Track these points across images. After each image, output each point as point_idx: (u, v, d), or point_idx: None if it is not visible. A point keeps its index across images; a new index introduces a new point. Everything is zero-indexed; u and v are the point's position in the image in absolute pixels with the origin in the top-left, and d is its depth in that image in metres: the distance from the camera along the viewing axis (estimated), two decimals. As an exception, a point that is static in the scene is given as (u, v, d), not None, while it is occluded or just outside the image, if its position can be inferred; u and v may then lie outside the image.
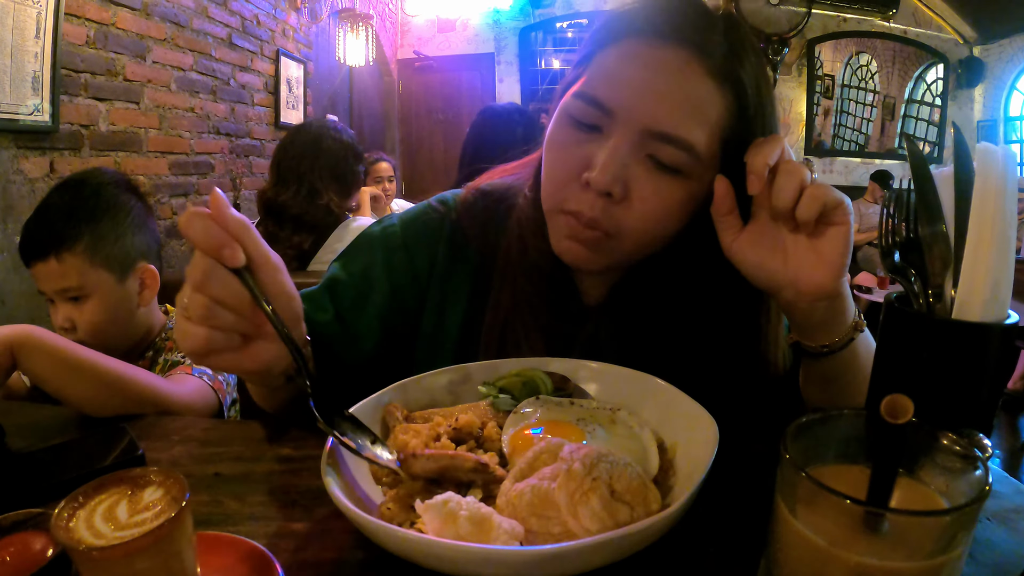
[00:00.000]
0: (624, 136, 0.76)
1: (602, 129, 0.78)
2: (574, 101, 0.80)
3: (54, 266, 1.34)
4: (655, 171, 0.77)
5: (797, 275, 0.72)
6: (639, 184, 0.77)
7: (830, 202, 0.69)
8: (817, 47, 7.20)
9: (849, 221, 0.71)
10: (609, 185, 0.75)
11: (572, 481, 0.52)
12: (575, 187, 0.79)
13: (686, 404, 0.68)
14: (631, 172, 0.76)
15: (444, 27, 7.42)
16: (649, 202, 0.77)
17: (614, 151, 0.75)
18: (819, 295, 0.72)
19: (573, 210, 0.79)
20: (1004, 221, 0.55)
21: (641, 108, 0.75)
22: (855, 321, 0.78)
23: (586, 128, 0.79)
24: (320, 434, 0.61)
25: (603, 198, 0.76)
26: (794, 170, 0.70)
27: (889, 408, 0.41)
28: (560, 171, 0.81)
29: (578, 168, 0.78)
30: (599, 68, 0.80)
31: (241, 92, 4.36)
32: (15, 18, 2.52)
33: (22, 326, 0.99)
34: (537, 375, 0.75)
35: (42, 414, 0.97)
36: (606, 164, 0.75)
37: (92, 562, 0.42)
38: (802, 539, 0.41)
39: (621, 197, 0.77)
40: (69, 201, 1.39)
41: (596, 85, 0.78)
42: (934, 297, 0.61)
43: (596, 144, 0.77)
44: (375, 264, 0.94)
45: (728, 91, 0.76)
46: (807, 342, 0.79)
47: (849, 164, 7.47)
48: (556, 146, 0.82)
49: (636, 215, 0.78)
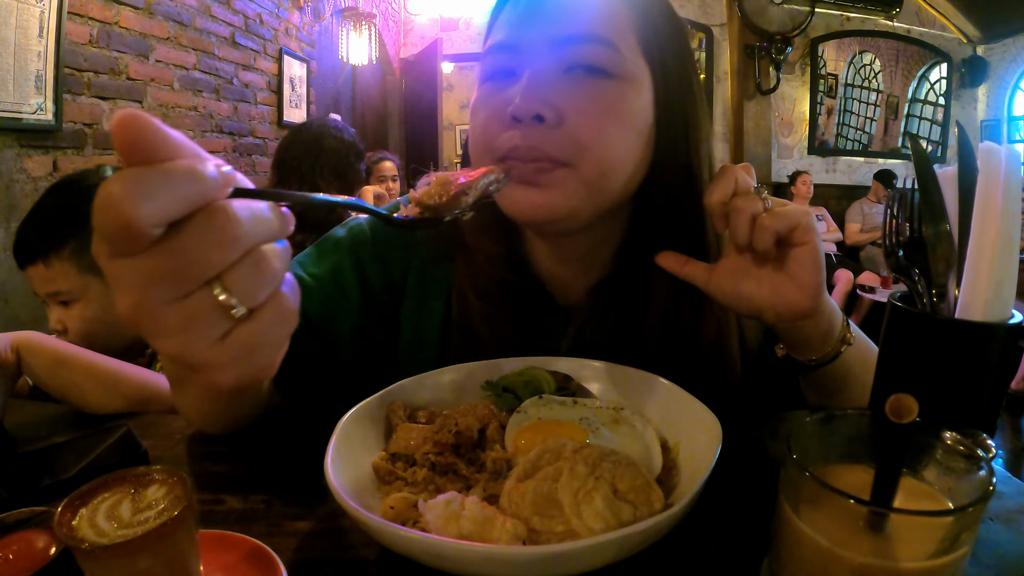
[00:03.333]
0: (537, 57, 0.74)
1: (516, 71, 0.77)
2: (485, 61, 0.80)
3: (43, 271, 1.35)
4: (583, 79, 0.74)
5: (773, 300, 0.71)
6: (570, 99, 0.73)
7: (784, 228, 0.67)
8: (820, 46, 7.18)
9: (812, 239, 0.68)
10: (535, 107, 0.71)
11: (575, 480, 0.52)
12: (503, 131, 0.75)
13: (690, 403, 0.68)
14: (557, 90, 0.73)
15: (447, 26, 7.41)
16: (589, 112, 0.73)
17: (532, 74, 0.73)
18: (798, 316, 0.72)
19: (507, 149, 0.74)
20: (1008, 221, 0.55)
21: (542, 21, 0.75)
22: (842, 334, 0.77)
23: (501, 77, 0.78)
24: (323, 433, 0.61)
25: (536, 127, 0.72)
26: (742, 206, 0.68)
27: (894, 408, 0.41)
28: (484, 125, 0.78)
29: (501, 114, 0.75)
30: (498, 23, 0.81)
31: (244, 91, 4.36)
32: (18, 17, 2.52)
33: (25, 332, 1.00)
34: (540, 374, 0.75)
35: (44, 412, 0.97)
36: (526, 88, 0.72)
37: (95, 560, 0.42)
38: (805, 539, 0.41)
39: (556, 120, 0.73)
40: (57, 206, 1.39)
41: (498, 33, 0.79)
42: (938, 297, 0.61)
43: (514, 85, 0.75)
44: (344, 270, 0.90)
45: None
46: (795, 356, 0.80)
47: (852, 163, 7.45)
48: (476, 110, 0.80)
49: (582, 130, 0.73)
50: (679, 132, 0.81)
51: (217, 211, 0.36)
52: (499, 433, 0.67)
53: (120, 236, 0.34)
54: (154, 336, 0.37)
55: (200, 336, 0.37)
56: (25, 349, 0.98)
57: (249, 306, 0.38)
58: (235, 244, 0.37)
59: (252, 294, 0.38)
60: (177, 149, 0.36)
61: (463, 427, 0.66)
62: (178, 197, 0.35)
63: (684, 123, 0.82)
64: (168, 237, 0.35)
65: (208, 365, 0.38)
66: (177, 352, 0.38)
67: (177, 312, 0.36)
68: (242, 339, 0.39)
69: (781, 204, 0.69)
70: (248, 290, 0.38)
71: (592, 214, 0.78)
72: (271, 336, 0.40)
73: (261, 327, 0.39)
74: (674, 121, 0.81)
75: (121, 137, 0.34)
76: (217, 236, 0.36)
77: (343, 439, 0.62)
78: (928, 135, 7.50)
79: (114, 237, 0.34)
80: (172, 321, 0.36)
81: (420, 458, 0.63)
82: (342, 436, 0.63)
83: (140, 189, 0.33)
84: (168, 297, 0.36)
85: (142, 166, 0.34)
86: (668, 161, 0.81)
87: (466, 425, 0.66)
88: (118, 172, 0.34)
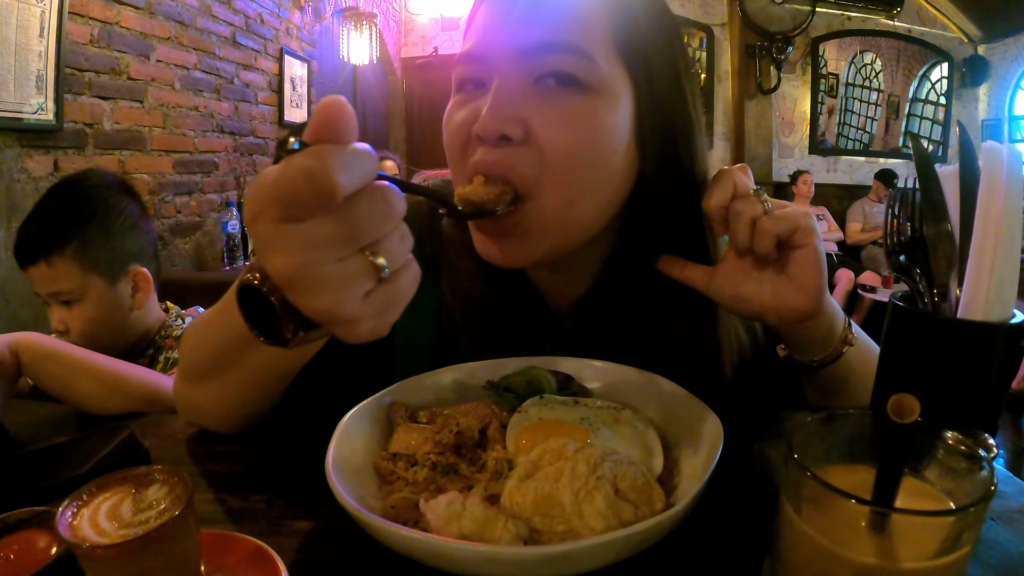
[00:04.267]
0: (506, 68, 0.71)
1: (485, 82, 0.74)
2: (456, 70, 0.77)
3: (45, 270, 1.35)
4: (555, 92, 0.70)
5: (775, 302, 0.70)
6: (540, 115, 0.70)
7: (784, 230, 0.67)
8: (821, 45, 7.17)
9: (812, 241, 0.68)
10: (500, 125, 0.69)
11: (576, 480, 0.52)
12: (470, 147, 0.73)
13: (691, 403, 0.68)
14: (526, 105, 0.70)
15: (448, 26, 7.40)
16: (559, 130, 0.70)
17: (498, 88, 0.70)
18: (799, 318, 0.71)
19: (473, 165, 0.72)
20: (1009, 220, 0.55)
21: (510, 29, 0.71)
22: (844, 335, 0.77)
23: (471, 88, 0.75)
24: (324, 433, 0.61)
25: (502, 145, 0.70)
26: (742, 209, 0.68)
27: (896, 407, 0.41)
28: (454, 142, 0.75)
29: (467, 130, 0.73)
30: (471, 30, 0.78)
31: (245, 91, 4.36)
32: (19, 17, 2.52)
33: (24, 333, 1.00)
34: (541, 374, 0.74)
35: (45, 412, 0.97)
36: (492, 104, 0.69)
37: (96, 560, 0.42)
38: (807, 539, 0.41)
39: (522, 138, 0.69)
40: (59, 205, 1.40)
41: (468, 41, 0.76)
42: (939, 296, 0.61)
43: (483, 97, 0.72)
44: None
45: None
46: (797, 357, 0.79)
47: (853, 163, 7.44)
48: (447, 121, 0.77)
49: (548, 149, 0.70)
50: (670, 140, 0.78)
51: (385, 189, 0.43)
52: (500, 433, 0.67)
53: (314, 202, 0.39)
54: (308, 293, 0.41)
55: (351, 293, 0.42)
56: (24, 350, 0.98)
57: (394, 269, 0.44)
58: (395, 217, 0.44)
59: (397, 259, 0.44)
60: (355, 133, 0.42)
61: (464, 427, 0.66)
62: (363, 172, 0.41)
63: (676, 130, 0.78)
64: (343, 206, 0.40)
65: (352, 319, 0.43)
66: (328, 307, 0.41)
67: (337, 271, 0.41)
68: (383, 297, 0.44)
69: (781, 206, 0.69)
70: (395, 256, 0.44)
71: (572, 245, 0.77)
72: (404, 295, 0.46)
73: (398, 287, 0.45)
74: (661, 130, 0.77)
75: (324, 119, 0.40)
76: (385, 209, 0.43)
77: (344, 439, 0.62)
78: (929, 135, 7.49)
79: (306, 202, 0.39)
80: (330, 280, 0.41)
81: (421, 458, 0.63)
82: (343, 436, 0.63)
83: (340, 162, 0.39)
84: (333, 257, 0.41)
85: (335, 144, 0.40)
86: (660, 171, 0.78)
87: (467, 425, 0.66)
88: (315, 147, 0.39)
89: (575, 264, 0.85)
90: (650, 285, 0.81)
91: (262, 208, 0.40)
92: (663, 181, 0.78)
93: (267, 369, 0.71)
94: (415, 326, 0.89)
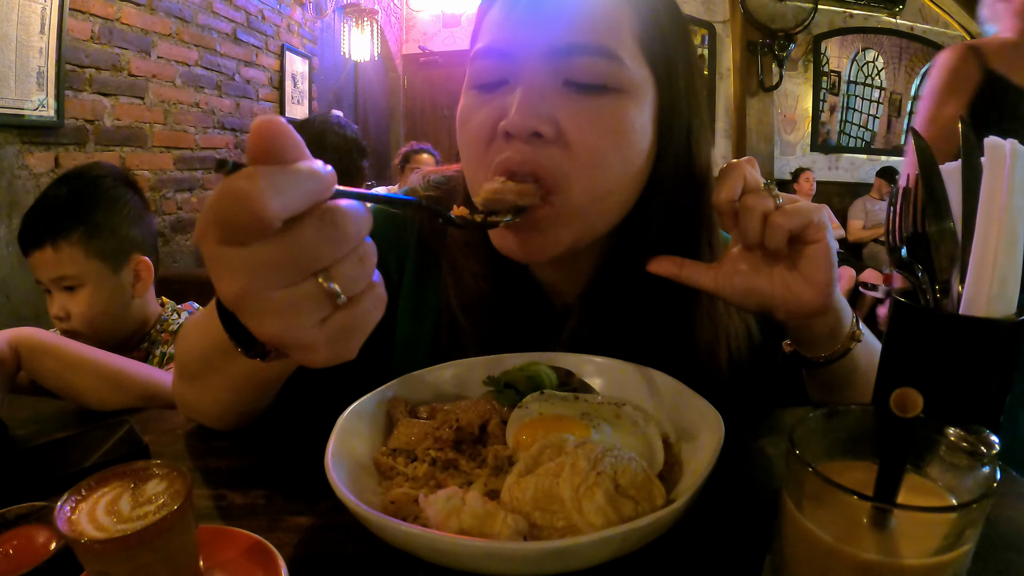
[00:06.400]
0: (533, 67, 0.70)
1: (508, 80, 0.73)
2: (473, 66, 0.76)
3: (50, 255, 1.37)
4: (582, 96, 0.71)
5: (785, 297, 0.69)
6: (569, 116, 0.70)
7: (797, 226, 0.66)
8: (823, 43, 7.15)
9: (824, 237, 0.67)
10: (532, 124, 0.68)
11: (577, 476, 0.52)
12: (495, 144, 0.72)
13: (692, 399, 0.68)
14: (555, 105, 0.70)
15: (449, 22, 7.39)
16: (590, 131, 0.70)
17: (528, 86, 0.70)
18: (810, 314, 0.71)
19: (499, 162, 0.71)
20: (1012, 216, 0.55)
21: (539, 29, 0.71)
22: (852, 331, 0.77)
23: (492, 87, 0.74)
24: (324, 428, 0.61)
25: (532, 143, 0.70)
26: (754, 204, 0.67)
27: (898, 402, 0.41)
28: (476, 139, 0.74)
29: (492, 127, 0.72)
30: (487, 24, 0.77)
31: (246, 87, 4.36)
32: (20, 14, 2.52)
33: (24, 328, 1.00)
34: (542, 369, 0.74)
35: (44, 408, 0.97)
36: (522, 101, 0.69)
37: (95, 555, 0.42)
38: (808, 535, 0.41)
39: (553, 136, 0.70)
40: (67, 193, 1.42)
41: (488, 36, 0.75)
42: (941, 292, 0.61)
43: (507, 95, 0.72)
44: None
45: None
46: (804, 353, 0.79)
47: (855, 160, 7.43)
48: (466, 118, 0.76)
49: (579, 148, 0.70)
50: (683, 139, 0.79)
51: (335, 211, 0.40)
52: (500, 428, 0.67)
53: (246, 226, 0.36)
54: (256, 318, 0.40)
55: (303, 320, 0.40)
56: (23, 346, 0.98)
57: (350, 295, 0.41)
58: (347, 241, 0.40)
59: (354, 284, 0.42)
60: (299, 152, 0.39)
61: (464, 422, 0.66)
62: (302, 194, 0.38)
63: (689, 129, 0.79)
64: (286, 231, 0.38)
65: (306, 346, 0.41)
66: (277, 333, 0.40)
67: (284, 298, 0.39)
68: (340, 323, 0.42)
69: (792, 201, 0.68)
70: (351, 281, 0.41)
71: (590, 240, 0.77)
72: (365, 321, 0.44)
73: (358, 313, 0.43)
74: (678, 128, 0.78)
75: (258, 139, 0.37)
76: (334, 233, 0.40)
77: (344, 434, 0.62)
78: (931, 132, 7.47)
79: (238, 227, 0.37)
80: (278, 305, 0.39)
81: (421, 453, 0.63)
82: (343, 431, 0.62)
83: (272, 185, 0.36)
84: (278, 284, 0.39)
85: (271, 165, 0.37)
86: (670, 168, 0.79)
87: (467, 420, 0.66)
88: (247, 168, 0.37)
89: (577, 260, 0.85)
90: (650, 279, 0.80)
91: (204, 229, 0.38)
92: (675, 177, 0.79)
93: (250, 377, 0.71)
94: (415, 323, 0.90)
